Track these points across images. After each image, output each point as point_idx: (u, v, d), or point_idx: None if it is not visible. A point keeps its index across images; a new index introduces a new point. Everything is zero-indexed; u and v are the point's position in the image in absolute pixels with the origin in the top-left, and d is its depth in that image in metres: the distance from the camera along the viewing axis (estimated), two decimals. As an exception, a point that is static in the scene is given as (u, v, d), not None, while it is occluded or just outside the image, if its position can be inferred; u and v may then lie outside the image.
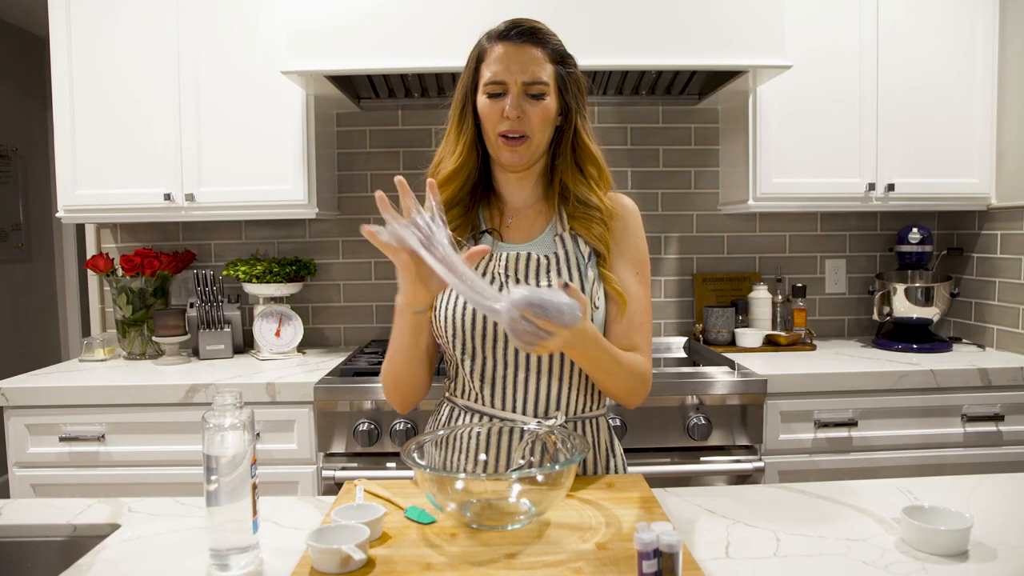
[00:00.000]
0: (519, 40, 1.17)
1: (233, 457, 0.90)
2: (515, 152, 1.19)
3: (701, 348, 2.51)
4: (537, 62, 1.17)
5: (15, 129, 3.86)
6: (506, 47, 1.17)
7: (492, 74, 1.17)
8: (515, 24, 1.18)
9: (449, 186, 1.23)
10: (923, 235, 2.47)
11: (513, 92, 1.16)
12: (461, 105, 1.23)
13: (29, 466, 2.04)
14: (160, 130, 2.28)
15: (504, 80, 1.16)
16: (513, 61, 1.16)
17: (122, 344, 2.48)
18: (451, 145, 1.24)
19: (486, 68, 1.18)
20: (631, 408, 1.23)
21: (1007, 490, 1.19)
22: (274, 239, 2.69)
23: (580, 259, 1.21)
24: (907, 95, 2.33)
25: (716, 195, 2.70)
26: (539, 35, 1.18)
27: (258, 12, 2.25)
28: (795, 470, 2.06)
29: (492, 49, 1.18)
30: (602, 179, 1.24)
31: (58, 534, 1.09)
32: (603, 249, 1.22)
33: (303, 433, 2.04)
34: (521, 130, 1.17)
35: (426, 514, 1.04)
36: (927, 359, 2.24)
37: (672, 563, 0.80)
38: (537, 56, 1.17)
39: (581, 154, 1.23)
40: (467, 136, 1.22)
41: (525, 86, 1.16)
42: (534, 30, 1.18)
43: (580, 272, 1.20)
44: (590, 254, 1.22)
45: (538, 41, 1.17)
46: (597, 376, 1.16)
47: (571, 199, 1.23)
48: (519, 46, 1.17)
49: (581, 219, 1.22)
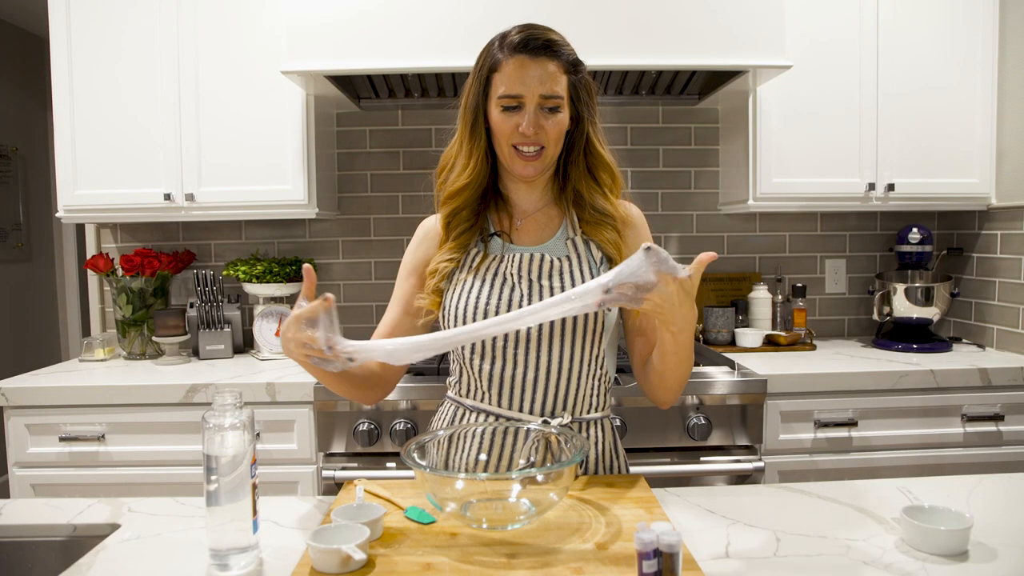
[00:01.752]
0: (535, 54, 1.14)
1: (233, 457, 0.90)
2: (529, 165, 1.18)
3: (701, 348, 2.51)
4: (553, 76, 1.15)
5: (15, 129, 3.86)
6: (522, 60, 1.14)
7: (507, 88, 1.15)
8: (531, 35, 1.15)
9: (460, 197, 1.22)
10: (923, 235, 2.47)
11: (530, 108, 1.14)
12: (472, 116, 1.20)
13: (29, 466, 2.04)
14: (160, 130, 2.28)
15: (521, 94, 1.14)
16: (530, 76, 1.14)
17: (122, 344, 2.48)
18: (464, 157, 1.21)
19: (500, 81, 1.16)
20: (665, 407, 1.21)
21: (1007, 490, 1.19)
22: (274, 239, 2.69)
23: (592, 263, 1.21)
24: (907, 95, 2.33)
25: (716, 195, 2.70)
26: (555, 47, 1.15)
27: (258, 12, 2.25)
28: (795, 470, 2.06)
29: (507, 61, 1.15)
30: (615, 185, 1.24)
31: (58, 534, 1.09)
32: (615, 255, 1.22)
33: (303, 433, 2.04)
34: (537, 143, 1.16)
35: (426, 514, 1.04)
36: (927, 359, 2.24)
37: (672, 563, 0.80)
38: (553, 70, 1.15)
39: (593, 161, 1.23)
40: (480, 149, 1.20)
41: (542, 99, 1.14)
42: (550, 42, 1.15)
43: (593, 276, 1.20)
44: (602, 259, 1.22)
45: (554, 54, 1.15)
46: (675, 363, 1.11)
47: (587, 207, 1.22)
48: (535, 60, 1.14)
49: (594, 224, 1.22)
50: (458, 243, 1.23)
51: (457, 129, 1.24)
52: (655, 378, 1.17)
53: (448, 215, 1.24)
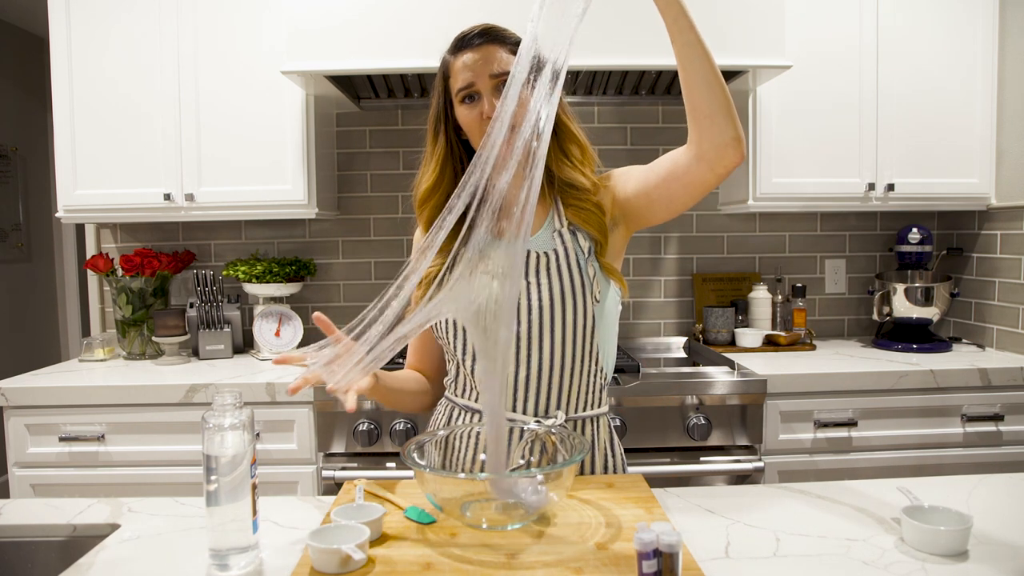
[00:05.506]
0: (477, 42, 1.18)
1: (233, 457, 0.90)
2: None
3: (701, 348, 2.52)
4: (500, 58, 1.17)
5: (15, 129, 3.86)
6: (467, 53, 1.18)
7: (461, 81, 1.18)
8: (468, 31, 1.20)
9: (430, 201, 1.24)
10: (923, 235, 2.47)
11: (486, 91, 1.17)
12: (434, 123, 1.24)
13: (29, 466, 2.04)
14: (160, 130, 2.28)
15: (473, 82, 1.17)
16: (477, 63, 1.17)
17: (122, 344, 2.48)
18: (427, 164, 1.26)
19: (454, 80, 1.20)
20: (720, 171, 1.09)
21: (1007, 490, 1.19)
22: (274, 239, 2.69)
23: (580, 255, 1.21)
24: (907, 95, 2.33)
25: (716, 195, 2.70)
26: (492, 32, 1.19)
27: (258, 13, 2.25)
28: (795, 470, 2.06)
29: (455, 60, 1.19)
30: (585, 157, 1.24)
31: (58, 534, 1.09)
32: (601, 238, 1.22)
33: (303, 433, 2.04)
34: None
35: (426, 514, 1.04)
36: (927, 359, 2.24)
37: (672, 563, 0.80)
38: (498, 53, 1.17)
39: (562, 134, 1.23)
40: (440, 151, 1.23)
41: (493, 79, 1.16)
42: (488, 30, 1.19)
43: (580, 268, 1.20)
44: (590, 249, 1.22)
45: (494, 38, 1.18)
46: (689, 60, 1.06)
47: (556, 183, 1.23)
48: (478, 48, 1.17)
49: (575, 207, 1.22)
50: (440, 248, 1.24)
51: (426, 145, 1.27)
52: (689, 111, 1.09)
53: (426, 224, 1.26)
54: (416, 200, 1.26)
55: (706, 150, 1.09)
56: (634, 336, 2.73)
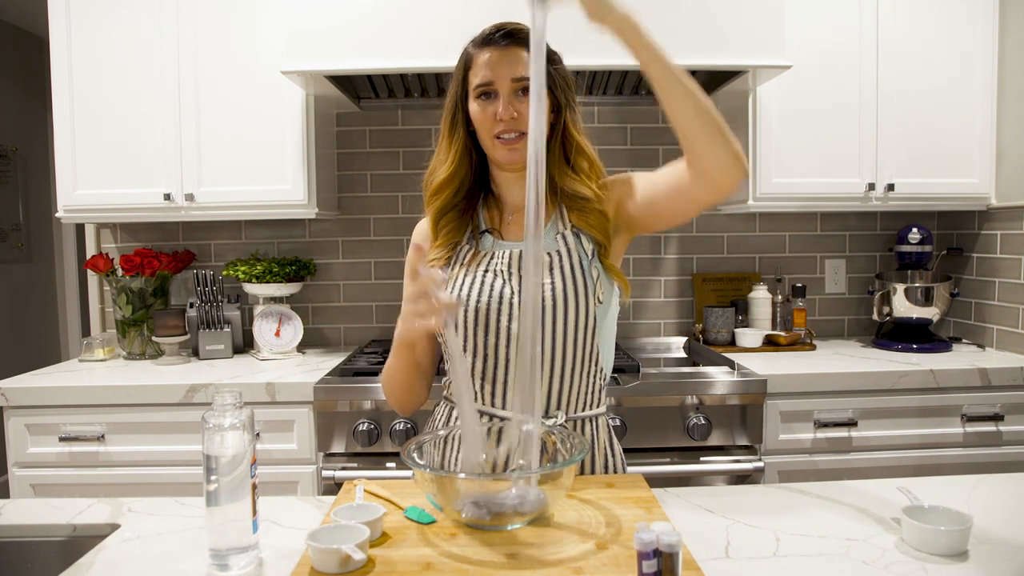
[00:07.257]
0: (503, 42, 1.18)
1: (233, 457, 0.90)
2: (513, 150, 1.19)
3: (701, 348, 2.52)
4: (524, 61, 1.17)
5: (15, 129, 3.86)
6: (491, 51, 1.18)
7: (481, 78, 1.18)
8: (498, 27, 1.19)
9: (442, 193, 1.24)
10: (923, 235, 2.47)
11: (504, 93, 1.17)
12: (452, 114, 1.24)
13: (29, 466, 2.04)
14: (160, 130, 2.28)
15: (492, 81, 1.18)
16: (500, 63, 1.17)
17: (122, 344, 2.48)
18: (443, 153, 1.25)
19: (474, 74, 1.20)
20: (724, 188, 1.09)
21: (1007, 490, 1.19)
22: (274, 239, 2.69)
23: (583, 256, 1.21)
24: (907, 95, 2.33)
25: (716, 195, 2.70)
26: (522, 35, 1.18)
27: (258, 13, 2.25)
28: (795, 470, 2.06)
29: (478, 55, 1.20)
30: (593, 171, 1.25)
31: (58, 534, 1.09)
32: (604, 240, 1.22)
33: (303, 433, 2.03)
34: (516, 129, 1.18)
35: (426, 514, 1.04)
36: (927, 359, 2.24)
37: (672, 563, 0.80)
38: (523, 56, 1.17)
39: (570, 147, 1.24)
40: (459, 143, 1.23)
41: (514, 83, 1.17)
42: (517, 31, 1.19)
43: (583, 269, 1.20)
44: (593, 251, 1.22)
45: (522, 42, 1.18)
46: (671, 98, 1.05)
47: (560, 193, 1.23)
48: (504, 48, 1.18)
49: (578, 211, 1.22)
50: (445, 241, 1.25)
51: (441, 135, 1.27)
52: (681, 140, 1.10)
53: (435, 215, 1.26)
54: (428, 190, 1.26)
55: (706, 169, 1.09)
56: (634, 336, 2.73)
